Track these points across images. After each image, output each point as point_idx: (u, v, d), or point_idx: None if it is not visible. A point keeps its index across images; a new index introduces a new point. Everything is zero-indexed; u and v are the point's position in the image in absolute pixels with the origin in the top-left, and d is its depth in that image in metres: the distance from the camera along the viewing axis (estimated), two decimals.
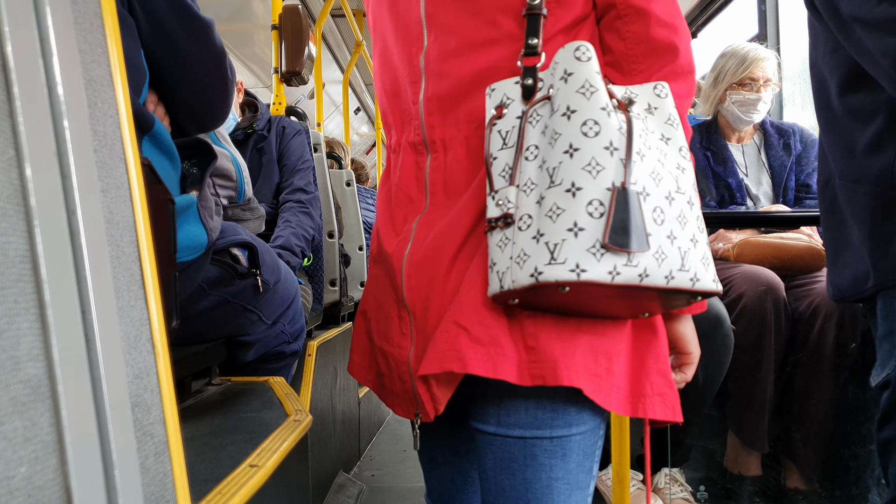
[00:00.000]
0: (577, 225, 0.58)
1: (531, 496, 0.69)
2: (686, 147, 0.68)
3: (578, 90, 0.61)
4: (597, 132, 0.60)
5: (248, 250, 1.26)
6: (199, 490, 0.63)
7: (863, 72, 0.98)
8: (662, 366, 0.71)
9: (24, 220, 0.33)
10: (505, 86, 0.69)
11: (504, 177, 0.66)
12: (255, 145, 2.09)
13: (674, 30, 0.71)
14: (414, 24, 0.75)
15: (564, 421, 0.69)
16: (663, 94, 0.68)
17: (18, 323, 0.32)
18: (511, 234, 0.63)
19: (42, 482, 0.32)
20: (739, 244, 1.74)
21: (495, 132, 0.68)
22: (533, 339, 0.66)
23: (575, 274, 0.58)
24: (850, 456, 1.54)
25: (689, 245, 0.63)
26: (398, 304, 0.76)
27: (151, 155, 0.87)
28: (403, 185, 0.78)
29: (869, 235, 1.02)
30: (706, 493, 1.61)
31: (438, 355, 0.68)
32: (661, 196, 0.62)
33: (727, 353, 1.55)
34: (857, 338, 1.51)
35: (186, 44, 0.95)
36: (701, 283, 0.63)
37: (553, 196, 0.60)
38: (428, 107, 0.74)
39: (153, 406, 0.43)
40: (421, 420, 0.75)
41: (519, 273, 0.60)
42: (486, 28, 0.71)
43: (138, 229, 0.44)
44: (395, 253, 0.76)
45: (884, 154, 0.98)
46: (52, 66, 0.36)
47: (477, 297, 0.67)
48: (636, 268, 0.59)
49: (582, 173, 0.59)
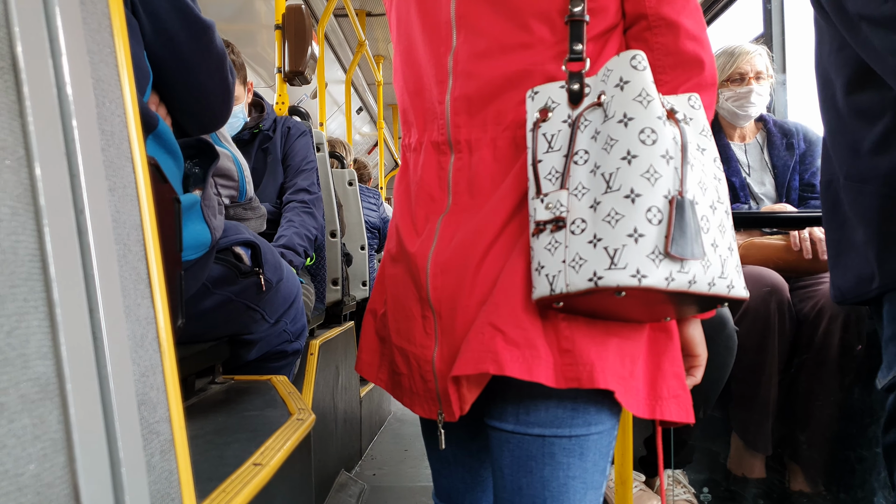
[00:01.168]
0: (638, 231, 0.59)
1: (548, 494, 0.69)
2: (718, 157, 0.69)
3: (636, 98, 0.63)
4: (654, 140, 0.61)
5: (250, 249, 1.26)
6: (203, 488, 0.63)
7: (869, 70, 0.98)
8: (677, 369, 0.72)
9: (33, 219, 0.33)
10: (549, 90, 0.69)
11: (551, 180, 0.66)
12: (261, 145, 2.09)
13: (700, 44, 0.72)
14: (443, 23, 0.75)
15: (584, 420, 0.69)
16: (697, 105, 0.69)
17: (28, 321, 0.32)
18: (562, 238, 0.64)
19: (50, 479, 0.32)
20: (744, 245, 1.73)
21: (540, 135, 0.68)
22: (568, 342, 0.67)
23: (636, 279, 0.59)
24: (856, 458, 1.53)
25: (727, 253, 0.65)
26: (422, 304, 0.76)
27: (156, 154, 0.87)
28: (425, 184, 0.78)
29: (875, 236, 1.01)
30: (709, 495, 1.61)
31: (474, 356, 0.68)
32: (707, 205, 0.63)
33: (731, 354, 1.55)
34: (863, 339, 1.50)
35: (188, 45, 0.95)
36: (735, 290, 0.65)
37: (611, 201, 0.61)
38: (455, 107, 0.75)
39: (159, 404, 0.43)
40: (444, 419, 0.75)
41: (574, 277, 0.61)
42: (518, 32, 0.71)
43: (145, 228, 0.45)
44: (419, 252, 0.76)
45: (891, 153, 0.98)
46: (61, 66, 0.36)
47: (514, 298, 0.68)
48: (687, 274, 0.60)
49: (641, 180, 0.60)
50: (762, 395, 1.59)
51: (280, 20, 2.36)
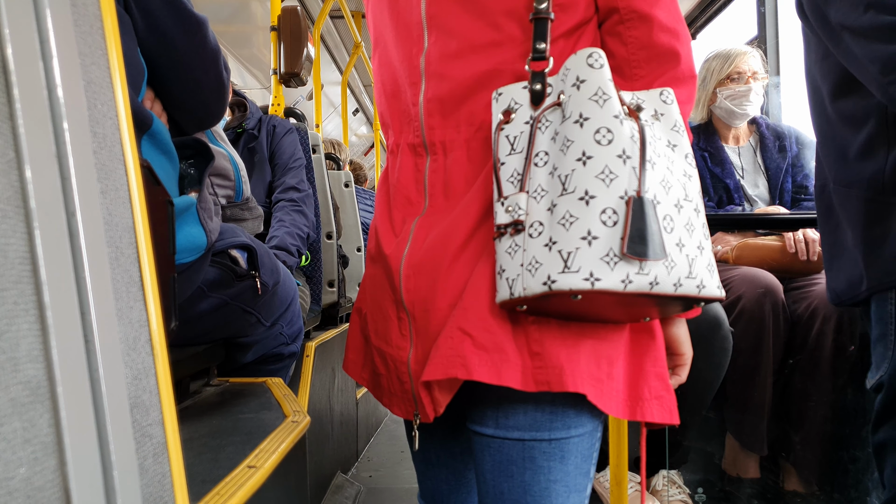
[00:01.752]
0: (591, 233, 0.58)
1: (530, 499, 0.69)
2: (691, 154, 0.68)
3: (591, 97, 0.62)
4: (610, 140, 0.60)
5: (247, 252, 1.26)
6: (197, 491, 0.63)
7: (853, 78, 0.99)
8: (660, 369, 0.71)
9: (23, 221, 0.33)
10: (513, 90, 0.68)
11: (513, 182, 0.65)
12: (246, 145, 2.08)
13: (675, 35, 0.71)
14: (415, 24, 0.74)
15: (563, 423, 0.69)
16: (669, 100, 0.68)
17: (18, 324, 0.32)
18: (521, 241, 0.63)
19: (41, 483, 0.32)
20: (738, 246, 1.74)
21: (503, 137, 0.67)
22: (538, 345, 0.66)
23: (589, 283, 0.58)
24: (849, 459, 1.54)
25: (696, 252, 0.63)
26: (397, 306, 0.76)
27: (150, 154, 0.87)
28: (402, 187, 0.78)
29: (861, 239, 1.03)
30: (704, 495, 1.62)
31: (443, 361, 0.67)
32: (671, 204, 0.62)
33: (726, 355, 1.55)
34: (856, 340, 1.51)
35: (182, 41, 0.95)
36: (706, 289, 0.63)
37: (566, 204, 0.60)
38: (428, 108, 0.74)
39: (152, 407, 0.43)
40: (420, 420, 0.75)
41: (531, 281, 0.60)
42: (488, 30, 0.70)
43: (137, 231, 0.44)
44: (394, 254, 0.76)
45: (875, 158, 0.99)
46: (51, 68, 0.36)
47: (482, 302, 0.67)
48: (647, 276, 0.59)
49: (595, 181, 0.59)
50: (757, 395, 1.59)
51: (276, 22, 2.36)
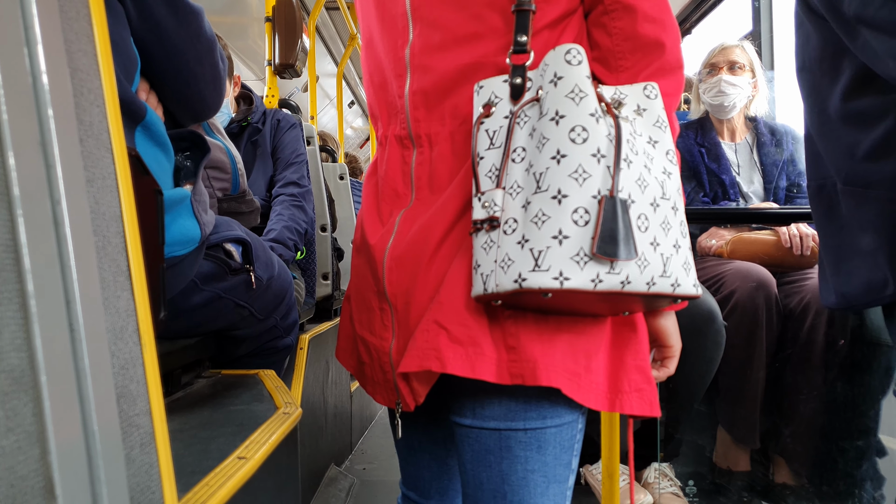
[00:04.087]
0: (562, 233, 0.58)
1: (507, 488, 0.70)
2: (673, 150, 0.67)
3: (568, 95, 0.61)
4: (584, 139, 0.60)
5: (241, 246, 1.26)
6: (186, 482, 0.63)
7: (869, 74, 0.96)
8: (641, 362, 0.71)
9: (6, 209, 0.33)
10: (493, 84, 0.68)
11: (490, 178, 0.65)
12: (250, 138, 2.08)
13: (661, 26, 0.70)
14: (399, 16, 0.74)
15: (538, 413, 0.69)
16: (653, 95, 0.67)
17: (1, 313, 0.32)
18: (496, 238, 0.63)
19: (25, 472, 0.32)
20: (733, 241, 1.75)
21: (482, 131, 0.67)
22: (514, 339, 0.66)
23: (558, 282, 0.58)
24: (839, 451, 1.55)
25: (671, 251, 0.63)
26: (379, 297, 0.76)
27: (144, 146, 0.86)
28: (390, 179, 0.78)
29: (886, 242, 0.98)
30: (695, 487, 1.63)
31: (418, 354, 0.68)
32: (647, 203, 0.62)
33: (718, 349, 1.56)
34: (847, 334, 1.52)
35: (176, 31, 0.94)
36: (682, 287, 0.63)
37: (539, 202, 0.60)
38: (413, 101, 0.74)
39: (139, 397, 0.43)
40: (402, 409, 0.76)
41: (503, 277, 0.61)
42: (470, 22, 0.70)
43: (125, 220, 0.44)
44: (378, 245, 0.76)
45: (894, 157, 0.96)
46: (36, 54, 0.36)
47: (458, 296, 0.68)
48: (619, 275, 0.59)
49: (568, 180, 0.59)
50: (749, 389, 1.60)
51: (270, 12, 2.35)
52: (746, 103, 1.93)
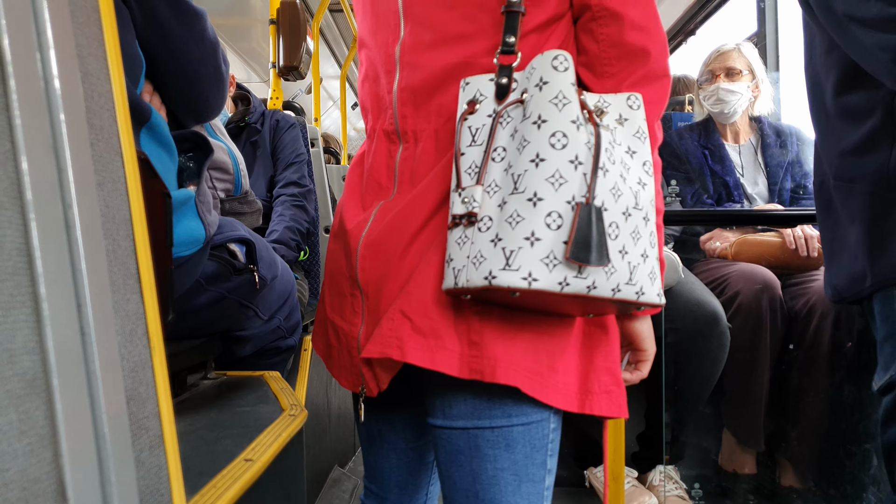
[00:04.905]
0: (535, 234, 0.59)
1: (479, 487, 0.70)
2: (650, 161, 0.68)
3: (552, 100, 0.62)
4: (564, 145, 0.61)
5: (245, 246, 1.26)
6: (193, 483, 0.63)
7: (859, 71, 0.98)
8: (611, 364, 0.72)
9: (19, 213, 0.33)
10: (479, 81, 0.69)
11: (471, 174, 0.66)
12: (249, 139, 2.08)
13: (647, 34, 0.71)
14: (392, 13, 0.75)
15: (502, 411, 0.70)
16: (636, 105, 0.68)
17: (14, 316, 0.32)
18: (471, 234, 0.64)
19: (37, 475, 0.32)
20: (737, 242, 1.74)
21: (465, 128, 0.68)
22: (477, 336, 0.67)
23: (527, 282, 0.59)
24: (846, 454, 1.55)
25: (639, 260, 0.64)
26: (351, 283, 0.78)
27: (149, 147, 0.87)
28: (374, 171, 0.79)
29: (866, 235, 1.01)
30: (700, 490, 1.62)
31: (381, 341, 0.69)
32: (619, 212, 0.63)
33: (723, 351, 1.55)
34: (854, 336, 1.51)
35: (180, 33, 0.95)
36: (646, 296, 0.65)
37: (515, 203, 0.61)
38: (401, 97, 0.75)
39: (148, 400, 0.43)
40: (365, 394, 0.77)
41: (474, 273, 0.61)
42: (461, 22, 0.71)
43: (134, 223, 0.44)
44: (354, 231, 0.78)
45: (879, 152, 0.98)
46: (48, 59, 0.36)
47: (427, 288, 0.69)
48: (585, 280, 0.60)
49: (545, 184, 0.60)
50: (754, 391, 1.60)
51: (275, 15, 2.35)
52: (749, 105, 1.92)
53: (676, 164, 1.96)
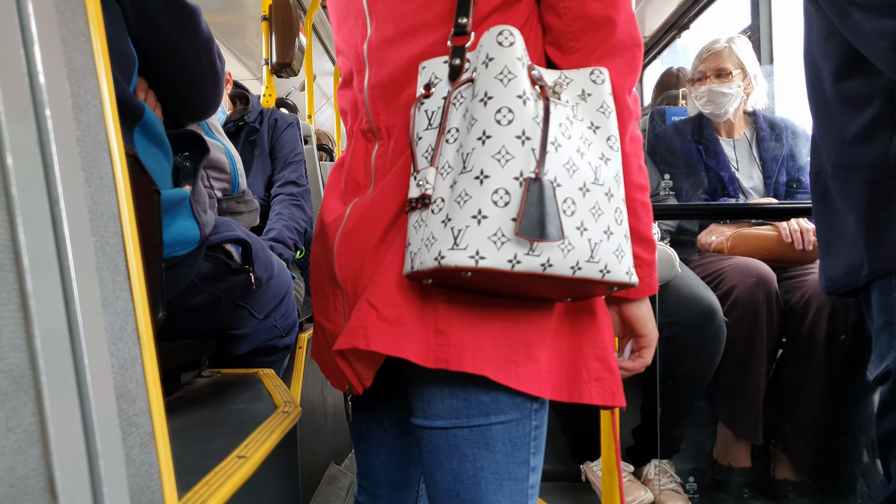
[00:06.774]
0: (482, 212, 0.58)
1: (460, 486, 0.69)
2: (616, 136, 0.67)
3: (497, 76, 0.61)
4: (510, 120, 0.60)
5: (241, 246, 1.26)
6: (186, 481, 0.63)
7: (859, 57, 0.97)
8: (601, 351, 0.70)
9: (4, 209, 0.33)
10: (434, 64, 0.68)
11: (426, 157, 0.65)
12: (247, 138, 2.08)
13: (611, 3, 0.69)
14: (359, 13, 0.75)
15: (479, 410, 0.68)
16: (600, 80, 0.67)
17: (0, 312, 0.32)
18: (425, 217, 0.63)
19: (25, 472, 0.32)
20: (733, 236, 1.75)
21: (422, 112, 0.67)
22: (444, 324, 0.66)
23: (474, 261, 0.58)
24: (840, 446, 1.55)
25: (601, 237, 0.62)
26: (332, 282, 0.78)
27: (142, 146, 0.86)
28: (352, 171, 0.79)
29: (864, 223, 1.00)
30: (695, 484, 1.63)
31: (349, 332, 0.68)
32: (575, 187, 0.61)
33: (719, 344, 1.56)
34: (849, 329, 1.52)
35: (173, 30, 0.94)
36: (612, 274, 0.62)
37: (463, 182, 0.60)
38: (372, 94, 0.75)
39: (138, 397, 0.43)
40: (353, 393, 0.76)
41: (426, 255, 0.61)
42: (419, 12, 0.70)
43: (123, 220, 0.44)
44: (331, 228, 0.78)
45: (879, 140, 0.97)
46: (33, 54, 0.36)
47: (391, 276, 0.68)
48: (538, 257, 0.59)
49: (491, 161, 0.59)
50: (750, 384, 1.60)
51: (267, 11, 2.34)
52: (742, 102, 1.92)
53: (671, 159, 1.96)
